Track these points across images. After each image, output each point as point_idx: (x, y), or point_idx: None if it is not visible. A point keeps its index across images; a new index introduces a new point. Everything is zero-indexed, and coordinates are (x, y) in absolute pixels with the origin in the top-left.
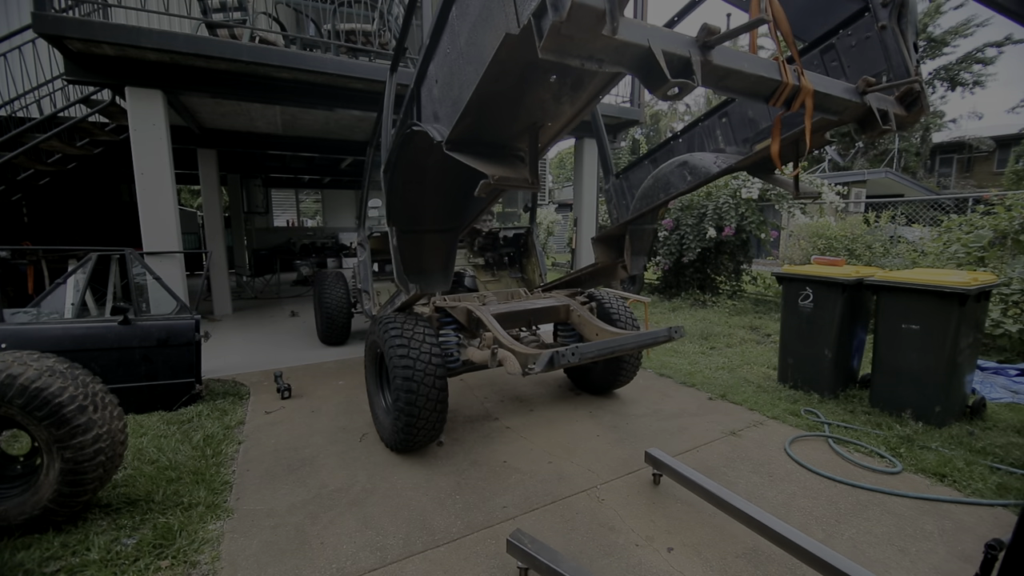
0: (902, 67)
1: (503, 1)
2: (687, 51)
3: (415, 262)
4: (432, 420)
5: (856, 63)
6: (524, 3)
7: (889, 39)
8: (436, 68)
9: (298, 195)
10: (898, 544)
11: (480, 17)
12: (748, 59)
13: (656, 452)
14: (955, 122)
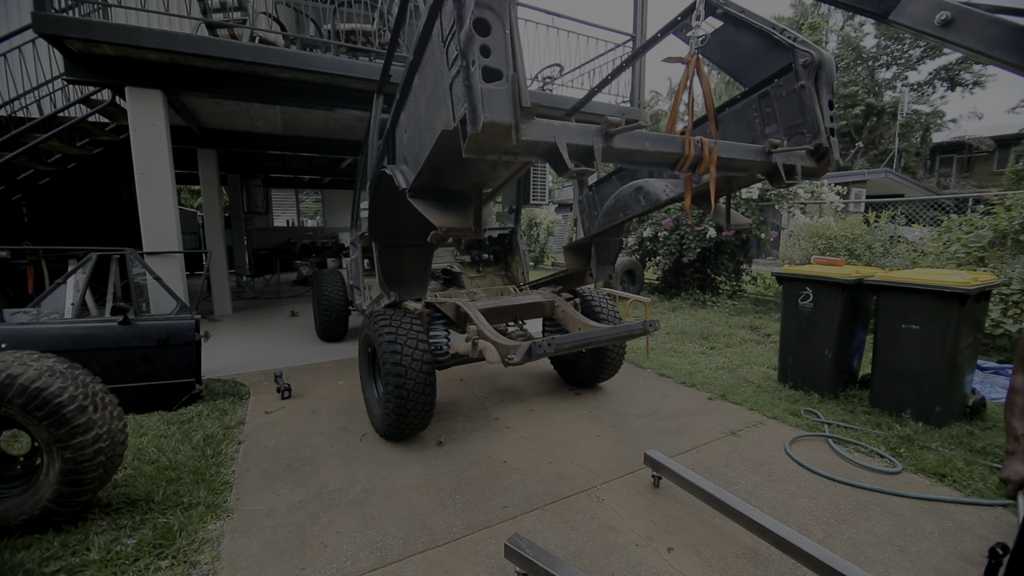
0: (815, 125)
1: (444, 99)
2: (591, 141)
3: (395, 272)
4: (420, 409)
5: (786, 111)
6: (458, 107)
7: (806, 97)
8: (405, 119)
9: (298, 195)
10: (898, 544)
11: (431, 99)
12: (651, 138)
13: (655, 454)
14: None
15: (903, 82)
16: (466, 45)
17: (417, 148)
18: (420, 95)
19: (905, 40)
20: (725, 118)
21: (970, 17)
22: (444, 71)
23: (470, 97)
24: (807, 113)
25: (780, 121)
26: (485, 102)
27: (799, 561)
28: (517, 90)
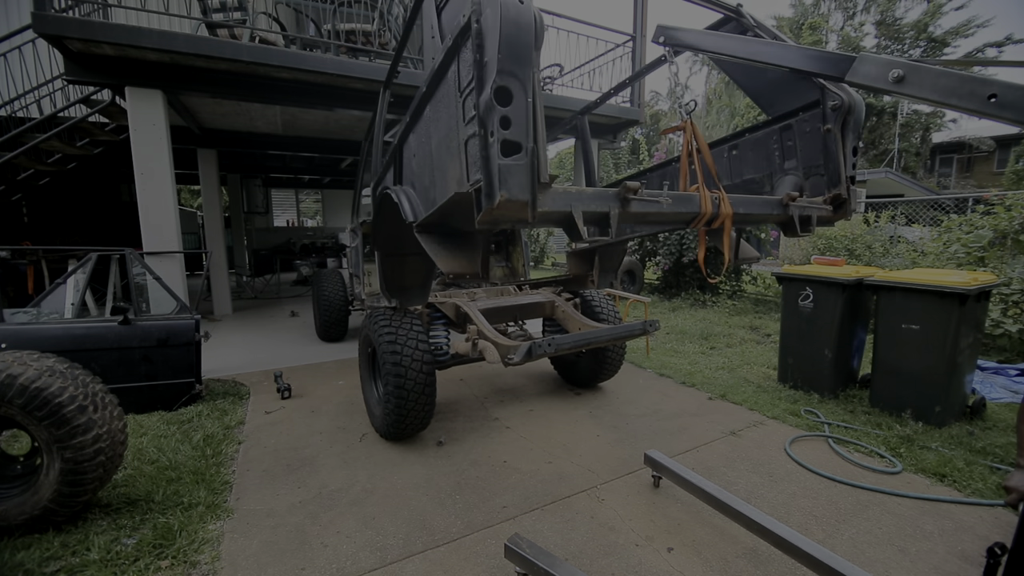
0: (835, 172)
1: (458, 153)
2: (607, 207)
3: (397, 279)
4: (420, 409)
5: (808, 148)
6: (472, 171)
7: (831, 142)
8: (415, 143)
9: (298, 195)
10: (898, 544)
11: (444, 143)
12: (668, 197)
13: (655, 454)
14: (955, 122)
15: None
16: (485, 114)
17: (427, 183)
18: (432, 129)
19: (905, 40)
20: (744, 145)
21: (921, 72)
22: (459, 122)
23: (486, 171)
24: (830, 159)
25: (800, 157)
26: (502, 179)
27: (799, 561)
28: (536, 164)
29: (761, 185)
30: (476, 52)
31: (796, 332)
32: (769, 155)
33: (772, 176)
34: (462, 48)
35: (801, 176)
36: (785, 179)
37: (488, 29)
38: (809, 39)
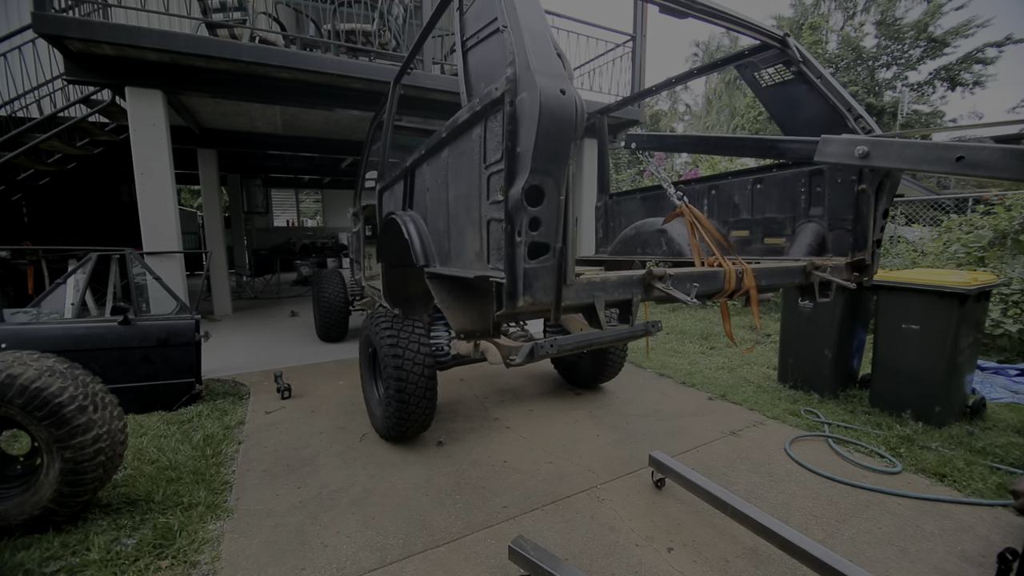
0: (863, 235)
1: (479, 227)
2: (630, 294)
3: (401, 290)
4: (421, 410)
5: (837, 199)
6: (493, 259)
7: (863, 203)
8: (430, 176)
9: (298, 195)
10: (898, 544)
11: (464, 201)
12: (692, 276)
13: (660, 455)
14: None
15: (903, 82)
16: (514, 211)
17: (440, 228)
18: (450, 178)
19: (905, 40)
20: (771, 181)
21: (885, 146)
22: (481, 195)
23: (510, 271)
24: (860, 220)
25: (828, 207)
26: (527, 284)
27: (800, 561)
28: (563, 265)
29: (782, 227)
30: (508, 139)
31: (796, 332)
32: (795, 198)
33: (795, 220)
34: (490, 117)
35: (825, 226)
36: (807, 226)
37: (523, 116)
38: (809, 39)
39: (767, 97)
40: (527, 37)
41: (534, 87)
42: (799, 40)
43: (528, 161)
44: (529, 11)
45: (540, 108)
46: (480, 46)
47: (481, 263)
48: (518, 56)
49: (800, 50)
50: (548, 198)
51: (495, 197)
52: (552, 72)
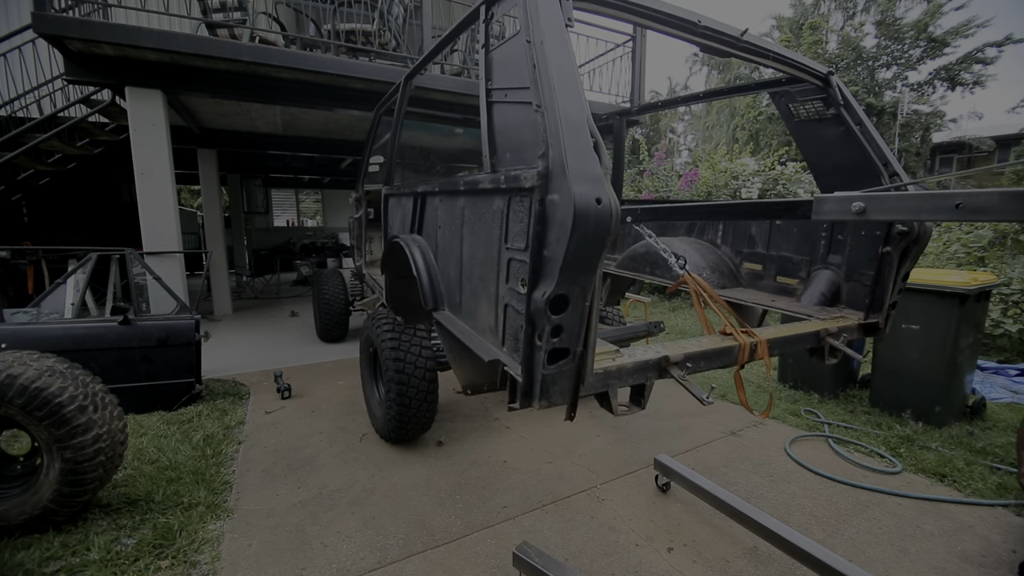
0: (880, 297)
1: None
2: (644, 379)
3: (403, 298)
4: (422, 412)
5: (857, 252)
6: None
7: (885, 265)
8: (444, 213)
9: (298, 195)
10: (898, 544)
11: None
12: (706, 355)
13: (665, 459)
14: (955, 122)
15: (903, 82)
16: (536, 316)
17: (452, 275)
18: (466, 232)
19: (905, 40)
20: (789, 221)
21: (880, 200)
22: (499, 272)
23: (527, 374)
24: (879, 282)
25: (847, 257)
26: (544, 388)
27: (799, 561)
28: (583, 368)
29: (797, 268)
30: (534, 240)
31: None
32: (814, 241)
33: (811, 264)
34: (515, 198)
35: (841, 276)
36: (823, 273)
37: (554, 220)
38: (809, 39)
39: (798, 131)
40: (564, 128)
41: (569, 194)
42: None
43: (556, 272)
44: (569, 96)
45: (574, 219)
46: (507, 106)
47: (494, 339)
48: (552, 149)
49: (843, 91)
50: (573, 305)
51: (516, 286)
52: (590, 176)
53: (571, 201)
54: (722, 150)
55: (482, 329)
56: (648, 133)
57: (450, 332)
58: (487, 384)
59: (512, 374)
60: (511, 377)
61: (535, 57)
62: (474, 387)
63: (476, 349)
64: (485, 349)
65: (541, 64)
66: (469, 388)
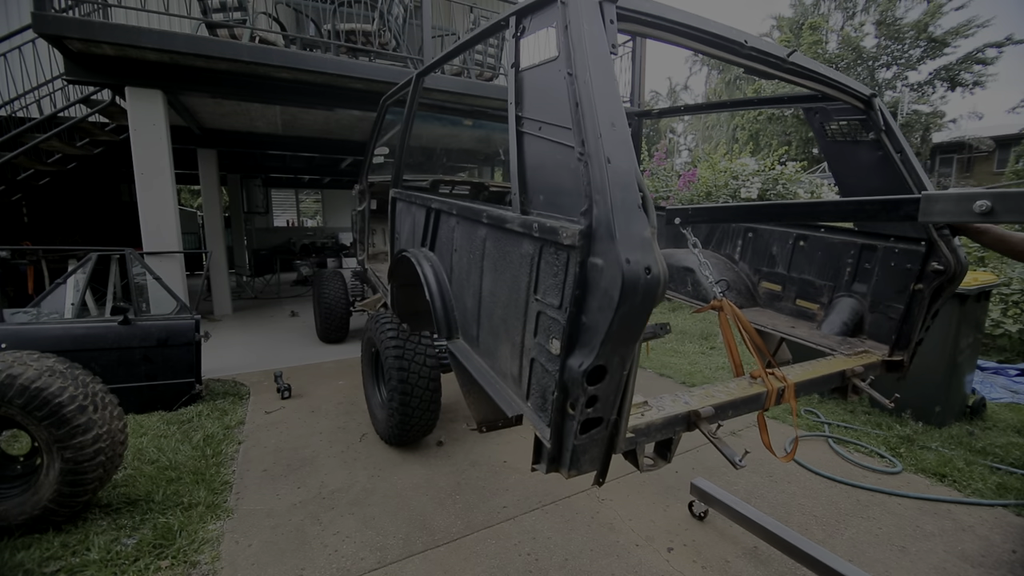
0: (906, 335)
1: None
2: (671, 433)
3: (410, 305)
4: (426, 414)
5: (885, 283)
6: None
7: (916, 303)
8: (462, 237)
9: (298, 195)
10: (898, 544)
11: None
12: (734, 404)
13: (703, 483)
14: (955, 122)
15: (903, 82)
16: (570, 386)
17: (468, 303)
18: (487, 264)
19: (905, 40)
20: (816, 241)
21: (1012, 199)
22: (526, 323)
23: (556, 441)
24: (908, 318)
25: (873, 287)
26: (574, 458)
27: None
28: (616, 436)
29: (819, 292)
30: (572, 304)
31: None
32: (840, 267)
33: (834, 290)
34: (548, 249)
35: (866, 306)
36: (846, 301)
37: (596, 287)
38: (809, 39)
39: (831, 150)
40: (612, 184)
41: (616, 263)
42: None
43: (596, 344)
44: (617, 144)
45: (622, 292)
46: (541, 142)
47: (517, 388)
48: (596, 206)
49: (884, 116)
50: (611, 375)
51: (546, 343)
52: (639, 240)
53: (619, 271)
54: (722, 150)
55: (503, 373)
56: (648, 133)
57: (465, 368)
58: (502, 421)
59: (539, 436)
60: (536, 437)
61: (578, 94)
62: (489, 424)
63: (496, 397)
64: (507, 399)
65: (586, 105)
66: (484, 425)
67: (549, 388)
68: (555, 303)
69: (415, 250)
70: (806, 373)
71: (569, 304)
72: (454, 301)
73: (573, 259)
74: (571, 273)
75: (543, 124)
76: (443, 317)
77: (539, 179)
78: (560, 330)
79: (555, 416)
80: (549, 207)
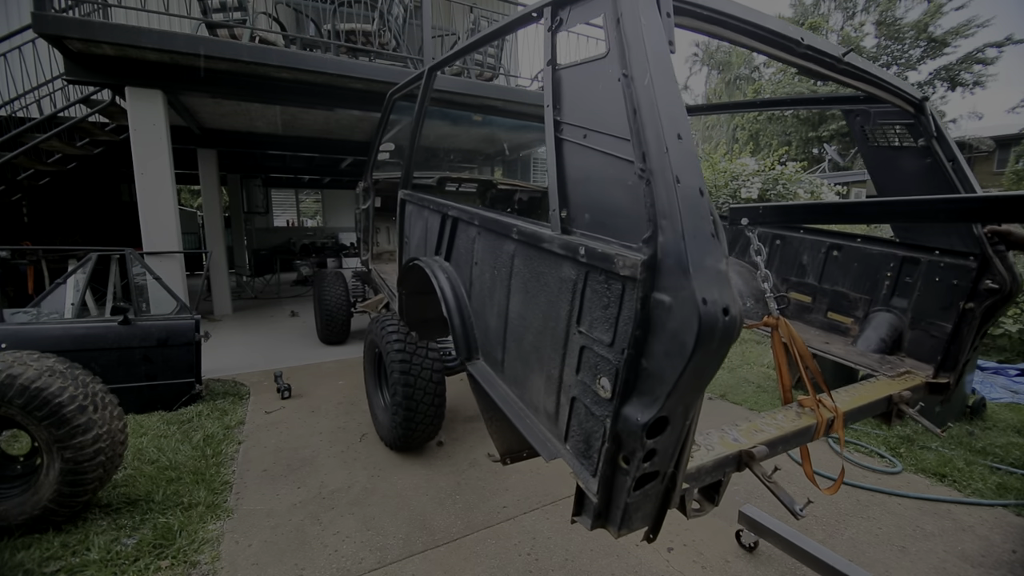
0: (953, 359)
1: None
2: (721, 475)
3: (419, 313)
4: (430, 419)
5: (929, 297)
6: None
7: (965, 323)
8: (482, 252)
9: (298, 195)
10: (898, 544)
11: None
12: (785, 440)
13: (753, 511)
14: (955, 122)
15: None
16: (625, 437)
17: (491, 324)
18: (516, 284)
19: (905, 40)
20: (851, 252)
21: None
22: (567, 356)
23: (604, 496)
24: (956, 338)
25: (914, 302)
26: (626, 517)
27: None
28: (672, 490)
29: (853, 306)
30: (631, 346)
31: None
32: (877, 280)
33: (870, 304)
34: (593, 276)
35: (906, 322)
36: (883, 316)
37: (663, 330)
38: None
39: (873, 156)
40: (684, 210)
41: (692, 303)
42: None
43: (662, 395)
44: (685, 159)
45: (697, 338)
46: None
47: (552, 426)
48: (662, 232)
49: (936, 122)
50: (672, 427)
51: (593, 385)
52: (715, 276)
53: (694, 313)
54: (722, 150)
55: (533, 406)
56: None
57: (488, 394)
58: (528, 451)
59: (581, 486)
60: (579, 486)
61: (635, 99)
62: (514, 456)
63: (528, 436)
64: (540, 439)
65: (647, 113)
66: (508, 457)
67: (595, 434)
68: (604, 339)
69: (429, 259)
70: (854, 400)
71: (627, 345)
72: (474, 319)
73: (632, 293)
74: (628, 308)
75: (588, 131)
76: (462, 335)
77: (584, 194)
78: (611, 371)
79: (604, 468)
80: (596, 227)
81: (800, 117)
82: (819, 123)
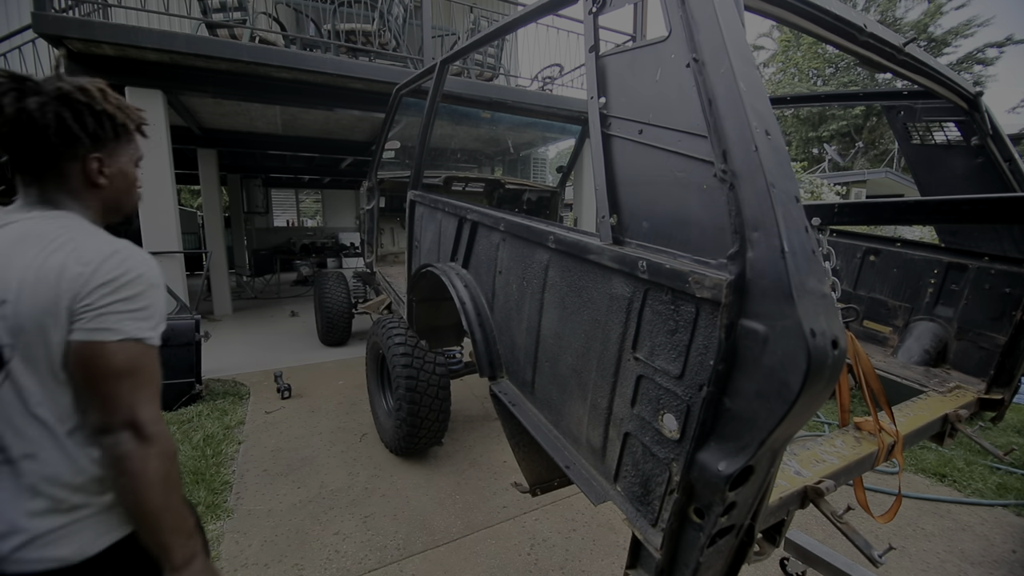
0: (1009, 374)
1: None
2: (783, 515)
3: (429, 321)
4: (435, 424)
5: (978, 306)
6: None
7: (1022, 335)
8: (507, 260)
9: (298, 195)
10: (898, 544)
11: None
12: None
13: (802, 538)
14: None
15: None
16: (701, 490)
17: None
18: (549, 297)
19: None
20: (890, 256)
21: None
22: (618, 386)
23: (669, 551)
24: (1012, 351)
25: (961, 311)
26: None
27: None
28: (747, 544)
29: (892, 314)
30: (712, 383)
31: None
32: (920, 287)
33: (911, 312)
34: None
35: (951, 333)
36: (926, 326)
37: (756, 365)
38: (809, 39)
39: (916, 155)
40: (782, 221)
41: (798, 335)
42: (799, 42)
43: (753, 444)
44: (778, 161)
45: (805, 379)
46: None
47: (597, 461)
48: (753, 248)
49: (992, 119)
50: (756, 475)
51: (655, 421)
52: (821, 302)
53: (802, 347)
54: None
55: (573, 436)
56: None
57: (516, 418)
58: (559, 480)
59: (639, 537)
60: (635, 537)
61: (710, 88)
62: (544, 486)
63: (571, 473)
64: (584, 478)
65: (726, 104)
66: (538, 487)
67: (657, 479)
68: (672, 371)
69: (445, 266)
70: (910, 421)
71: (707, 382)
72: (497, 333)
73: (711, 318)
74: (705, 336)
75: (645, 126)
76: (484, 351)
77: (640, 198)
78: (680, 408)
79: (672, 522)
80: (657, 238)
81: (800, 117)
82: (819, 123)
